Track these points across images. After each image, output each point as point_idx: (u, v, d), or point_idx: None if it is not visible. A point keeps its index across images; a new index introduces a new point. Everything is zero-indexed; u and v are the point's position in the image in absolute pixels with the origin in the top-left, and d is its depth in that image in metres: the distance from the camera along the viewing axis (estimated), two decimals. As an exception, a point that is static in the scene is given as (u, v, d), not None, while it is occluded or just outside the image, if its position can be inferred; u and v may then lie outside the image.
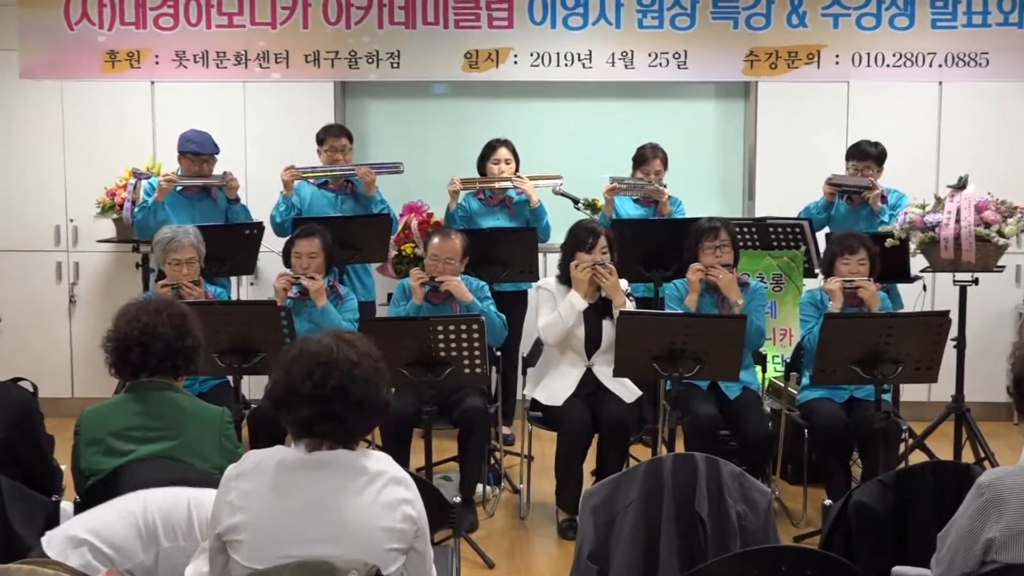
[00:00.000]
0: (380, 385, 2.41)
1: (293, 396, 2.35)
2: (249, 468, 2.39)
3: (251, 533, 2.32)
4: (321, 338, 2.42)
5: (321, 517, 2.31)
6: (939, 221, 4.88)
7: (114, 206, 6.07)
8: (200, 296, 4.75)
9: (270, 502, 2.33)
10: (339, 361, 2.35)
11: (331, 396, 2.33)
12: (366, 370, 2.38)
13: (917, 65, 6.46)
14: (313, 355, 2.36)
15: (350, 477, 2.35)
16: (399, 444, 4.54)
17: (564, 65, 6.52)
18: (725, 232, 4.83)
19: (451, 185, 5.73)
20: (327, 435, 2.36)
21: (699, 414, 4.52)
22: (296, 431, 2.38)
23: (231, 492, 2.37)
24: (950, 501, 2.75)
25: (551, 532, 4.69)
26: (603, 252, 4.76)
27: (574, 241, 4.82)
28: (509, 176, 5.75)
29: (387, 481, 2.37)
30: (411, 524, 2.38)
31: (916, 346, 4.27)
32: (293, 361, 2.38)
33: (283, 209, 5.69)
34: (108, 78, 6.49)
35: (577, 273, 4.74)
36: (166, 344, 2.98)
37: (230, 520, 2.34)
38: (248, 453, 2.44)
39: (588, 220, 5.06)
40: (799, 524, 4.76)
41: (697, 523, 2.96)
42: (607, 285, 4.72)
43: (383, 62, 6.53)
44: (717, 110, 6.76)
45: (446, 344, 4.27)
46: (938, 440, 5.34)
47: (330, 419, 2.34)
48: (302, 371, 2.35)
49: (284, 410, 2.38)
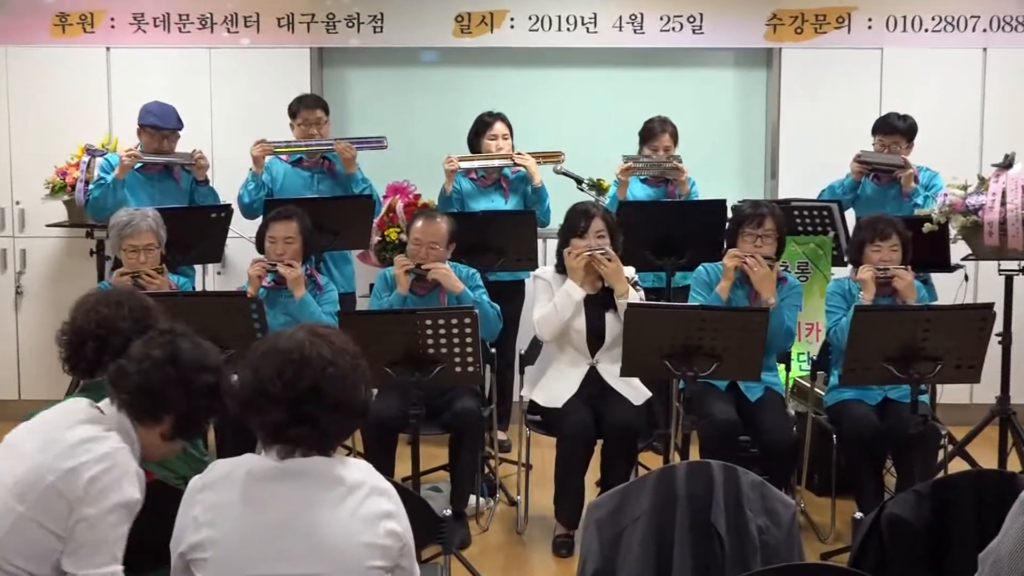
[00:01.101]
0: (358, 385, 2.41)
1: (262, 398, 2.35)
2: (215, 479, 2.39)
3: (218, 550, 2.32)
4: (293, 333, 2.41)
5: (295, 532, 2.32)
6: (982, 204, 4.88)
7: (65, 186, 6.05)
8: (163, 287, 4.75)
9: (239, 516, 2.33)
10: (312, 358, 2.35)
11: (304, 397, 2.33)
12: (342, 368, 2.38)
13: (959, 30, 6.46)
14: (284, 352, 2.36)
15: (327, 488, 2.35)
16: (383, 451, 4.54)
17: (566, 29, 6.52)
18: (771, 221, 4.79)
19: (448, 164, 5.71)
20: (300, 440, 2.36)
21: (716, 417, 4.53)
22: (266, 436, 2.38)
23: (195, 506, 2.37)
24: (993, 514, 2.76)
25: (550, 547, 4.69)
26: (599, 236, 4.75)
27: (567, 226, 4.83)
28: (509, 153, 5.75)
29: (368, 492, 2.37)
30: (395, 540, 2.38)
31: (957, 342, 4.28)
32: (262, 359, 2.37)
33: (252, 188, 5.68)
34: (58, 43, 6.47)
35: (571, 260, 4.74)
36: (125, 340, 2.97)
37: (195, 537, 2.34)
38: (214, 463, 2.44)
39: (582, 202, 5.04)
40: (827, 539, 4.77)
41: (713, 538, 2.96)
42: (607, 272, 4.71)
43: (364, 26, 6.51)
44: (736, 80, 6.76)
45: (435, 340, 4.27)
46: (981, 446, 5.36)
47: (303, 423, 2.34)
48: (271, 370, 2.35)
49: (252, 413, 2.37)
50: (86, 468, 2.53)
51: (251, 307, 4.41)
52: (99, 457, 2.55)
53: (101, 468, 2.54)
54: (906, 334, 4.24)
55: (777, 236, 4.81)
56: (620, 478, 4.44)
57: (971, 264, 5.57)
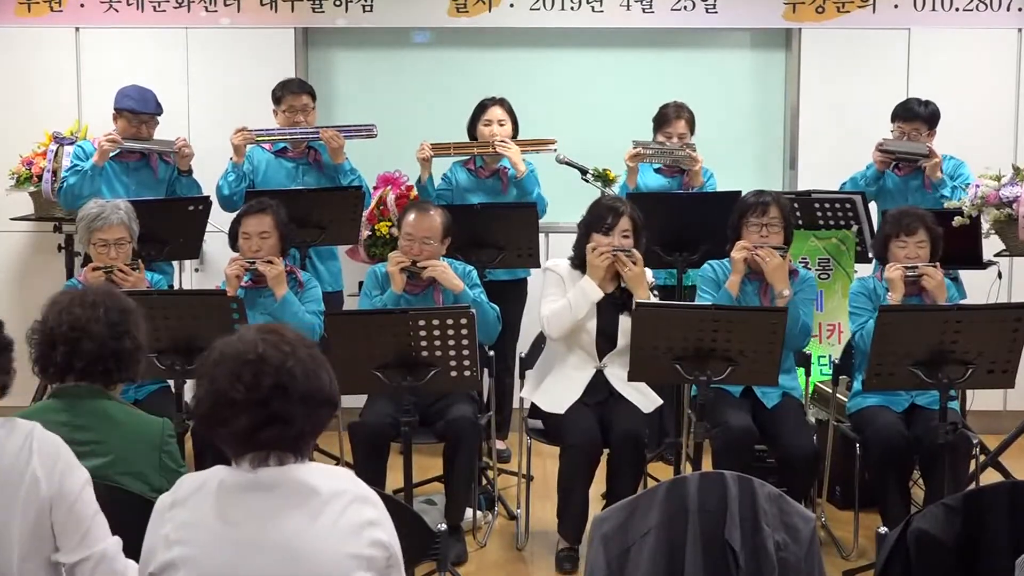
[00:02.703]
0: (320, 373, 2.42)
1: (224, 407, 2.35)
2: (186, 494, 2.39)
3: (191, 569, 2.32)
4: (241, 335, 2.42)
5: (273, 547, 2.32)
6: (1017, 196, 4.90)
7: (31, 177, 6.06)
8: (139, 284, 4.75)
9: (213, 532, 2.34)
10: (269, 355, 2.36)
11: (269, 397, 2.34)
12: (301, 359, 2.38)
13: (992, 9, 6.47)
14: (237, 355, 2.37)
15: (304, 498, 2.36)
16: (374, 461, 4.55)
17: (570, 9, 6.52)
18: (776, 209, 4.82)
19: (420, 152, 5.74)
20: (273, 443, 2.36)
21: (730, 425, 4.53)
22: (236, 447, 2.38)
23: (166, 524, 2.37)
24: (1029, 529, 2.77)
25: (553, 565, 4.70)
26: (624, 235, 4.77)
27: (591, 219, 4.83)
28: (490, 141, 5.74)
29: (350, 500, 2.38)
30: (381, 550, 2.38)
31: (989, 344, 4.28)
32: (215, 367, 2.38)
33: (233, 179, 5.69)
34: (23, 23, 6.48)
35: (593, 258, 4.75)
36: (98, 345, 2.98)
37: (165, 555, 2.35)
38: (183, 478, 2.45)
39: (611, 196, 5.07)
40: (849, 556, 4.79)
41: (728, 555, 2.97)
42: (629, 275, 4.73)
43: (353, 5, 6.52)
44: (753, 62, 6.77)
45: (429, 342, 4.27)
46: (1015, 457, 5.37)
47: (274, 423, 2.35)
48: (228, 375, 2.35)
49: (218, 426, 2.37)
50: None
51: (232, 307, 4.41)
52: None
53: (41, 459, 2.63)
54: (935, 336, 4.25)
55: (783, 225, 4.83)
56: (627, 490, 4.45)
57: (1005, 260, 5.58)
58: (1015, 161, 5.23)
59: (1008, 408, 6.03)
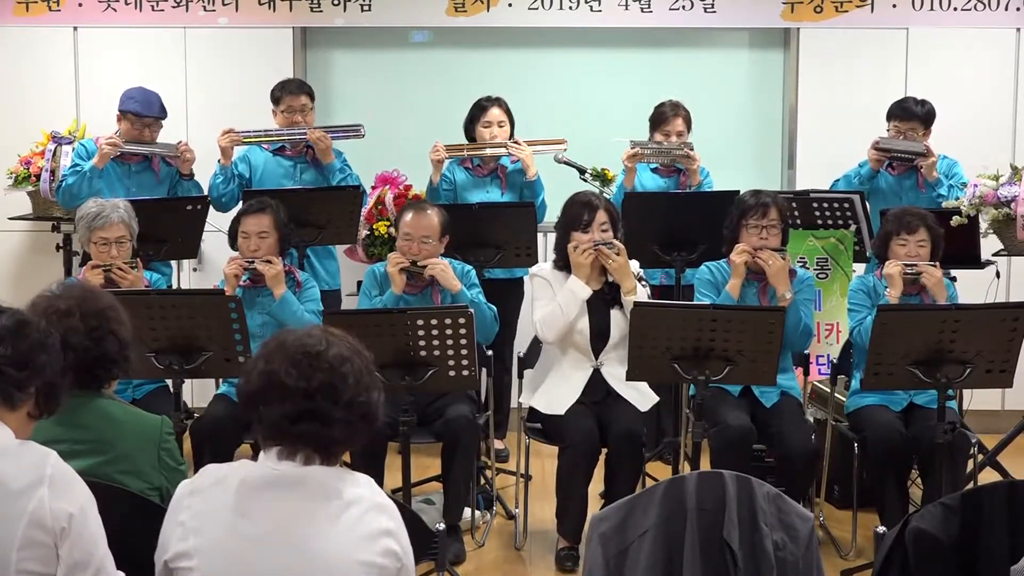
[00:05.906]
0: (372, 390, 2.44)
1: (273, 388, 2.37)
2: (206, 484, 2.41)
3: (204, 560, 2.34)
4: (309, 330, 2.46)
5: (287, 545, 2.33)
6: (1016, 195, 4.90)
7: (30, 177, 6.06)
8: (138, 283, 4.75)
9: (228, 525, 2.35)
10: (328, 354, 2.39)
11: (317, 391, 2.36)
12: (358, 369, 2.42)
13: (990, 8, 6.47)
14: (299, 344, 2.40)
15: (323, 500, 2.37)
16: (371, 461, 4.53)
17: (568, 8, 6.53)
18: (775, 211, 4.81)
19: (434, 153, 5.73)
20: (305, 439, 2.38)
21: (729, 425, 4.54)
22: (269, 433, 2.40)
23: (183, 512, 2.39)
24: (1027, 528, 2.77)
25: (551, 564, 4.71)
26: (603, 229, 4.77)
27: (568, 219, 4.83)
28: (504, 142, 5.75)
29: (368, 508, 2.39)
30: (393, 559, 2.39)
31: (988, 344, 4.28)
32: (275, 350, 2.41)
33: (220, 181, 5.70)
34: (21, 22, 6.48)
35: (577, 256, 4.75)
36: (80, 354, 2.89)
37: (180, 545, 2.36)
38: (205, 467, 2.47)
39: (584, 193, 5.03)
40: (847, 555, 4.79)
41: (726, 555, 2.97)
42: (614, 267, 4.73)
43: (351, 4, 6.52)
44: (751, 62, 6.77)
45: (428, 342, 4.28)
46: (1013, 456, 5.37)
47: (313, 418, 2.36)
48: (285, 360, 2.38)
49: (260, 405, 2.39)
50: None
51: (231, 307, 4.40)
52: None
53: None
54: (933, 335, 4.25)
55: (782, 226, 4.84)
56: (626, 489, 4.46)
57: (1003, 260, 5.58)
58: (1013, 160, 5.23)
59: (1006, 407, 6.03)
